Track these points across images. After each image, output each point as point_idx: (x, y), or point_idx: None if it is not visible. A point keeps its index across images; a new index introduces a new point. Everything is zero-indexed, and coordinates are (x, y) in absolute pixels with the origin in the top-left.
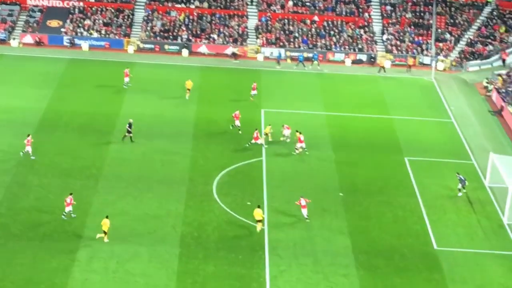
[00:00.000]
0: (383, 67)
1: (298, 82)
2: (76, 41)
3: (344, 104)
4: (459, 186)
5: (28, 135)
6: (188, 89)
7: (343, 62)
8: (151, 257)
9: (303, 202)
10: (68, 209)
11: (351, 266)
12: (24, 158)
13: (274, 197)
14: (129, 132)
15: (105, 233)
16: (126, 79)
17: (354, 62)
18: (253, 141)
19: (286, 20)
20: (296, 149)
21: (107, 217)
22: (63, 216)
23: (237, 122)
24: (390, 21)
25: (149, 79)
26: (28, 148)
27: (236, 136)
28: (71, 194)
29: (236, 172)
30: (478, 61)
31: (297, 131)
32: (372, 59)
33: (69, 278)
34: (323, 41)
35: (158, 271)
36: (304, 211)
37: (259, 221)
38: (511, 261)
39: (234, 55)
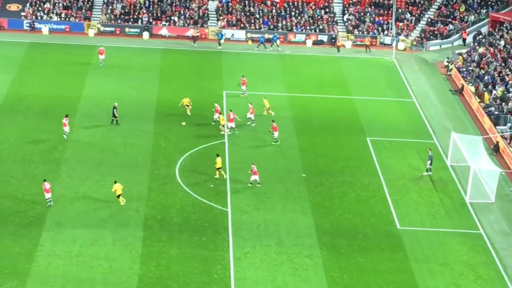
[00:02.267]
0: (339, 47)
1: (259, 63)
2: (36, 25)
3: (305, 85)
4: (428, 164)
5: (66, 116)
6: (187, 105)
7: (304, 43)
8: (115, 240)
9: (255, 168)
10: (48, 195)
11: (315, 246)
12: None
13: (237, 179)
14: (114, 116)
15: (119, 196)
16: (101, 57)
17: (315, 43)
18: (229, 123)
19: (247, 1)
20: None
21: (115, 182)
22: (48, 204)
23: (216, 116)
24: (351, 2)
25: (110, 62)
26: (66, 129)
27: (197, 119)
28: (45, 180)
29: (199, 154)
30: (439, 41)
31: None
32: (333, 40)
33: (32, 263)
34: (284, 22)
35: (122, 255)
36: (256, 177)
37: (218, 169)
38: (473, 239)
39: (193, 38)
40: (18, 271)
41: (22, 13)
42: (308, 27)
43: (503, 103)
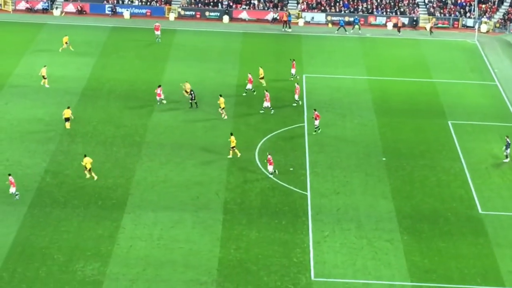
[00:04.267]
0: (399, 28)
1: (339, 46)
2: (118, 9)
3: (386, 68)
4: (507, 151)
5: (159, 86)
6: (185, 91)
7: (385, 25)
8: (195, 223)
9: (271, 159)
10: (12, 189)
11: (395, 231)
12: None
13: (316, 162)
14: (192, 99)
15: (89, 170)
16: (157, 33)
17: (396, 25)
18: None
19: None
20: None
21: (85, 156)
22: (16, 197)
23: (249, 86)
24: None
25: (190, 46)
26: (161, 97)
27: (278, 102)
28: (9, 175)
29: (278, 138)
30: None
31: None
32: (414, 22)
33: (114, 245)
34: (364, 5)
35: (202, 237)
36: (270, 168)
37: (233, 147)
38: None
39: (284, 22)
40: (101, 253)
41: None
42: (388, 10)
43: None
